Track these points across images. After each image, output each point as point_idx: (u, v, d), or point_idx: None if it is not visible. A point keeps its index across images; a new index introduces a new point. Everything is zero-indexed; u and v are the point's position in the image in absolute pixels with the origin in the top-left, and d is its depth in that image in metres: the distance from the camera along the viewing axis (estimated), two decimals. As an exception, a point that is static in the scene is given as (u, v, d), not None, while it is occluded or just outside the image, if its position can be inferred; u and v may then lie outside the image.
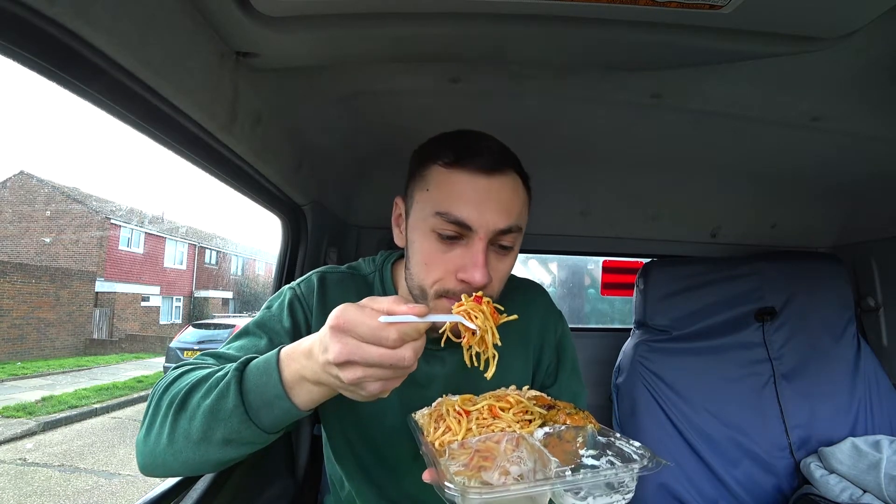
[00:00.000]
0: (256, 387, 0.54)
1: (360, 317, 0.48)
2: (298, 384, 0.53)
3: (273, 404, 0.54)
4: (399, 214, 0.77)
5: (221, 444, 0.55)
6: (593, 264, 2.57)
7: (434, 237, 0.67)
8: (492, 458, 0.51)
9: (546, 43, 0.75)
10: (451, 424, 0.57)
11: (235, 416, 0.54)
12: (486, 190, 0.66)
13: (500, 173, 0.67)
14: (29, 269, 11.98)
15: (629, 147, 1.28)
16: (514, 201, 0.68)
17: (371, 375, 0.49)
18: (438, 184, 0.68)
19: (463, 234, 0.66)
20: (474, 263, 0.64)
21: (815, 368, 1.40)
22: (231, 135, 0.77)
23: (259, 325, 0.74)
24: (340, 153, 1.23)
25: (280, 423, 0.56)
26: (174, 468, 0.59)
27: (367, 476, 0.79)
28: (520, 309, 0.86)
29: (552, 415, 0.59)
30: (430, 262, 0.67)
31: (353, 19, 0.68)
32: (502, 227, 0.66)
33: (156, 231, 16.69)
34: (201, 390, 0.57)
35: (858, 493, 1.17)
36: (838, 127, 1.07)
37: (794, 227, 1.63)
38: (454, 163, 0.67)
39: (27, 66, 0.48)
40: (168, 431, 0.56)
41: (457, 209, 0.65)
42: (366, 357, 0.48)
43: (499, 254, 0.69)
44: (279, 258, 1.20)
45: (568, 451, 0.53)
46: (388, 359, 0.48)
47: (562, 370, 0.88)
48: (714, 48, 0.73)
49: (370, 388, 0.50)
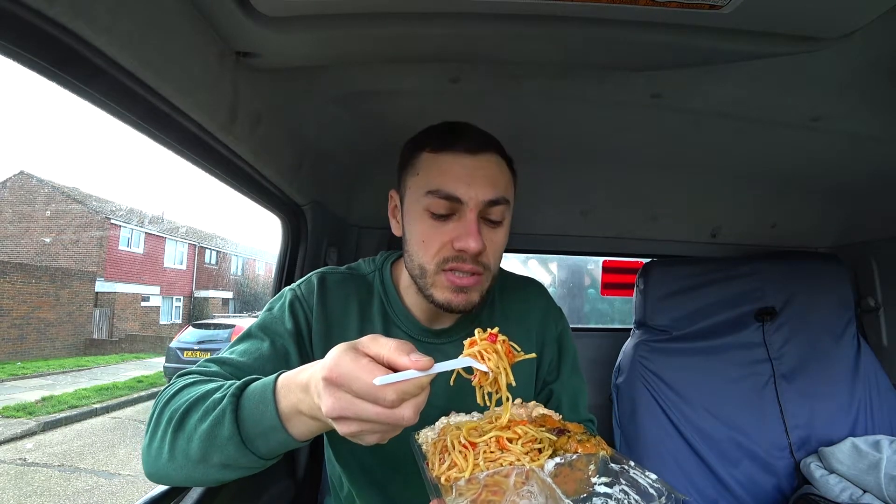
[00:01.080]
0: (252, 416, 0.53)
1: (355, 370, 0.45)
2: (295, 417, 0.52)
3: (269, 435, 0.53)
4: (395, 206, 0.80)
5: (220, 468, 0.55)
6: (593, 264, 2.57)
7: (428, 216, 0.71)
8: (501, 493, 0.49)
9: (546, 43, 0.75)
10: (456, 460, 0.53)
11: (231, 444, 0.53)
12: (473, 167, 0.70)
13: (485, 152, 0.72)
14: (29, 269, 11.97)
15: (629, 147, 1.27)
16: (500, 177, 0.72)
17: (367, 430, 0.47)
18: (428, 167, 0.72)
19: (454, 210, 0.70)
20: (468, 232, 0.68)
21: (815, 368, 1.40)
22: (231, 135, 0.77)
23: (261, 328, 0.74)
24: (340, 153, 1.23)
25: (277, 451, 0.55)
26: (178, 480, 0.59)
27: (370, 477, 0.79)
28: (520, 306, 0.88)
29: (562, 442, 0.56)
30: (426, 239, 0.71)
31: (353, 19, 0.68)
32: (490, 198, 0.69)
33: (156, 231, 16.69)
34: (199, 412, 0.56)
35: (858, 493, 1.17)
36: (838, 127, 1.07)
37: (794, 227, 1.63)
38: (441, 147, 0.72)
39: (27, 66, 0.48)
40: (168, 448, 0.56)
41: (446, 185, 0.69)
42: (360, 414, 0.45)
43: (490, 227, 0.72)
44: (279, 258, 1.20)
45: (580, 479, 0.52)
46: (384, 417, 0.45)
47: (563, 365, 0.89)
48: (714, 48, 0.73)
49: (367, 439, 0.48)
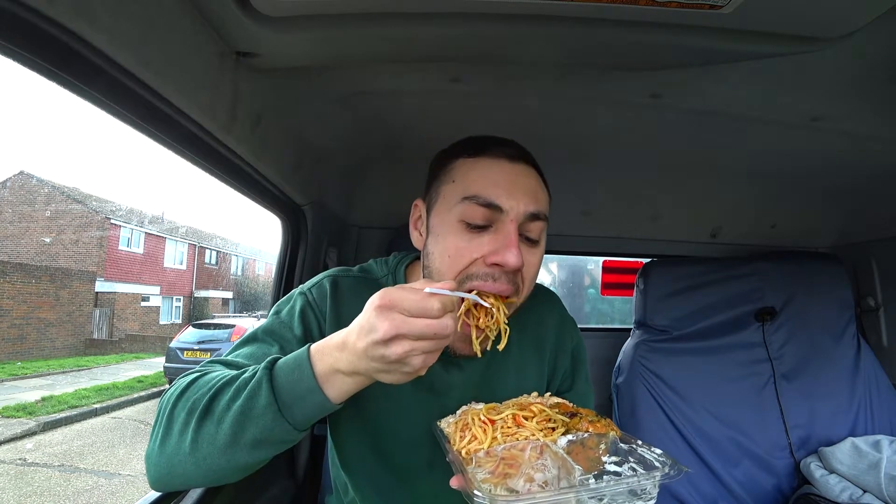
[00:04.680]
0: (288, 382, 0.55)
1: (403, 293, 0.51)
2: (332, 376, 0.55)
3: (306, 398, 0.55)
4: (419, 216, 0.75)
5: (250, 447, 0.55)
6: (593, 264, 2.57)
7: (461, 227, 0.66)
8: (517, 466, 0.52)
9: (546, 43, 0.75)
10: (476, 433, 0.58)
11: (268, 413, 0.54)
12: (514, 174, 0.67)
13: (524, 163, 0.69)
14: (29, 269, 11.97)
15: (629, 147, 1.27)
16: (540, 191, 0.69)
17: (418, 348, 0.51)
18: (465, 173, 0.68)
19: (492, 221, 0.65)
20: (507, 245, 0.63)
21: (815, 368, 1.40)
22: (231, 135, 0.77)
23: (268, 332, 0.71)
24: (340, 153, 1.23)
25: (311, 418, 0.57)
26: (195, 478, 0.57)
27: (376, 484, 0.77)
28: (535, 317, 0.85)
29: (575, 423, 0.60)
30: (455, 253, 0.65)
31: (353, 19, 0.68)
32: (532, 211, 0.65)
33: (156, 231, 16.68)
34: (228, 393, 0.56)
35: (858, 493, 1.18)
36: (838, 127, 1.06)
37: (794, 227, 1.63)
38: (479, 152, 0.68)
39: (27, 66, 0.48)
40: (191, 439, 0.55)
41: (486, 191, 0.64)
42: (413, 329, 0.50)
43: (527, 245, 0.67)
44: (279, 258, 1.20)
45: (591, 457, 0.54)
46: (433, 328, 0.50)
47: (577, 377, 0.88)
48: (714, 48, 0.73)
49: (414, 361, 0.52)
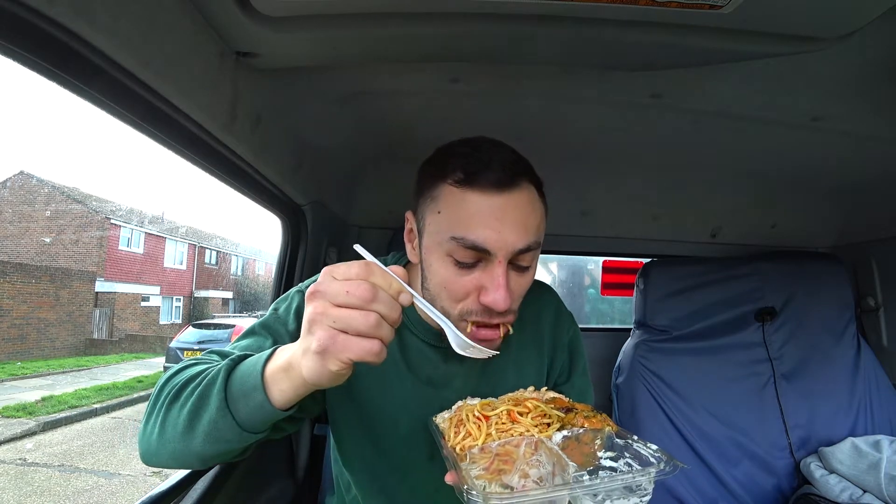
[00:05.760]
0: (242, 376, 0.54)
1: (331, 281, 0.49)
2: (278, 374, 0.52)
3: (249, 396, 0.52)
4: (410, 230, 0.73)
5: (203, 438, 0.54)
6: (593, 264, 2.57)
7: (451, 262, 0.64)
8: (511, 462, 0.52)
9: (546, 43, 0.75)
10: (471, 430, 0.58)
11: (215, 403, 0.53)
12: (502, 209, 0.62)
13: (516, 188, 0.63)
14: (29, 269, 11.97)
15: (629, 147, 1.27)
16: (532, 217, 0.65)
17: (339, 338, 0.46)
18: (450, 205, 0.64)
19: (481, 258, 0.63)
20: (496, 286, 0.62)
21: (815, 368, 1.40)
22: (231, 135, 0.77)
23: (264, 326, 0.73)
24: (340, 153, 1.23)
25: (254, 419, 0.53)
26: (164, 459, 0.58)
27: (377, 480, 0.78)
28: (532, 311, 0.85)
29: (570, 418, 0.59)
30: (450, 287, 0.65)
31: (353, 19, 0.68)
32: (521, 247, 0.63)
33: (156, 231, 16.69)
34: (196, 380, 0.56)
35: (858, 493, 1.18)
36: (838, 127, 1.06)
37: (794, 227, 1.63)
38: (465, 181, 0.63)
39: (27, 66, 0.48)
40: (160, 421, 0.56)
41: (472, 233, 0.61)
42: (334, 298, 0.47)
43: (518, 272, 0.66)
44: (279, 258, 1.20)
45: (586, 453, 0.54)
46: (354, 319, 0.46)
47: (574, 370, 0.88)
48: (714, 48, 0.73)
49: (342, 354, 0.47)
